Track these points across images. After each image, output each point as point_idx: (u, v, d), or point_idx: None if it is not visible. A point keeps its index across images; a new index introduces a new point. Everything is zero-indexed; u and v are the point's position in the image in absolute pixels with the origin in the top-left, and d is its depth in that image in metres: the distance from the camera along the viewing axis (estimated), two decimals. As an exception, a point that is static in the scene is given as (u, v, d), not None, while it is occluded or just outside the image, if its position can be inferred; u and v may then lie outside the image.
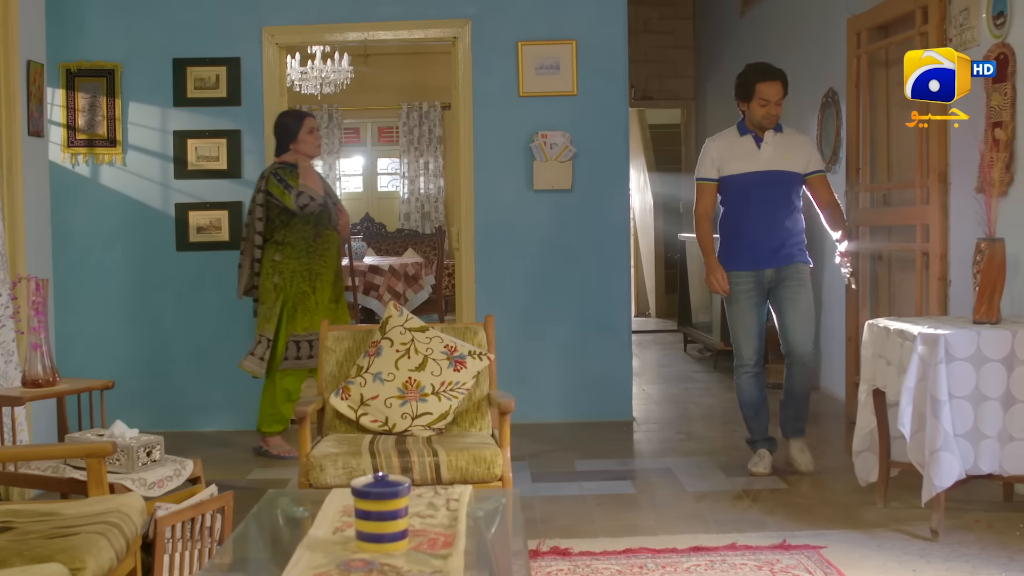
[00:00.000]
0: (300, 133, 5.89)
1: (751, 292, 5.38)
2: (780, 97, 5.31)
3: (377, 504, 2.56)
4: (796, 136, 5.49)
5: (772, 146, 5.34)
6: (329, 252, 5.95)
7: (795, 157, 5.35)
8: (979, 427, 4.25)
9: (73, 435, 3.94)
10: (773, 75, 5.32)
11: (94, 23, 6.54)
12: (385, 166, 14.27)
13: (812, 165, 5.40)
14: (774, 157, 5.33)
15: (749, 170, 5.34)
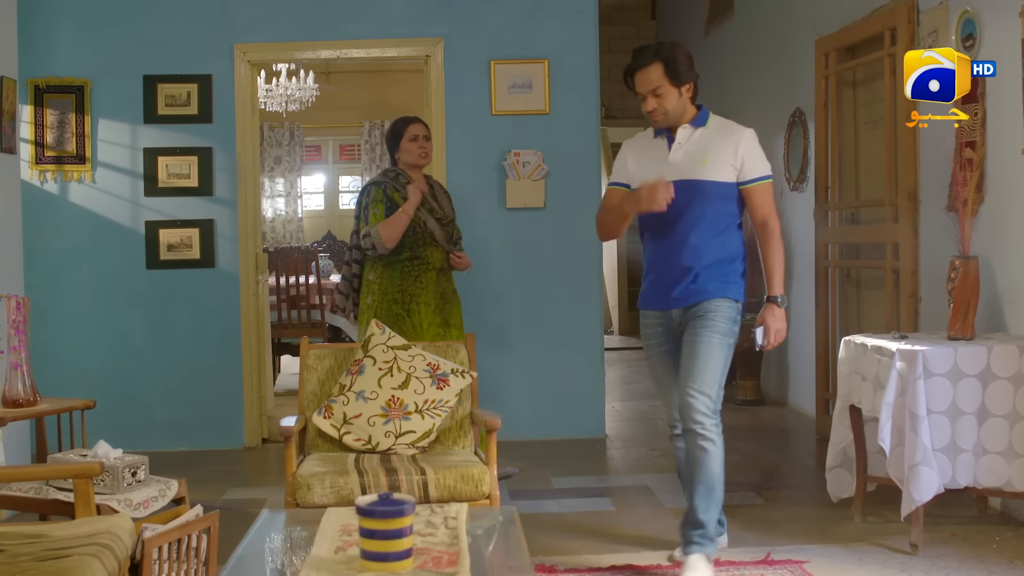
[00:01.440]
0: (402, 141, 5.34)
1: (660, 338, 4.20)
2: (655, 87, 3.98)
3: (382, 523, 2.55)
4: (726, 132, 4.09)
5: (686, 148, 4.06)
6: (427, 274, 5.30)
7: (716, 160, 4.02)
8: (956, 441, 4.32)
9: (56, 455, 3.89)
10: (637, 60, 4.04)
11: (63, 39, 6.49)
12: (347, 183, 14.26)
13: (747, 171, 4.05)
14: (686, 163, 4.03)
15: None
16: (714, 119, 4.13)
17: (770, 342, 4.13)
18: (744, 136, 4.08)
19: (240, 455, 6.52)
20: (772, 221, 4.11)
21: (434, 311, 5.33)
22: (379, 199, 5.23)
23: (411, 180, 5.31)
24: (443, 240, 5.36)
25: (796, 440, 6.77)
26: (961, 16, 5.08)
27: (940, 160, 5.34)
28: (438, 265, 5.35)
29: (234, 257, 6.58)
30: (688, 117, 4.07)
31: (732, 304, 4.09)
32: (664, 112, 4.01)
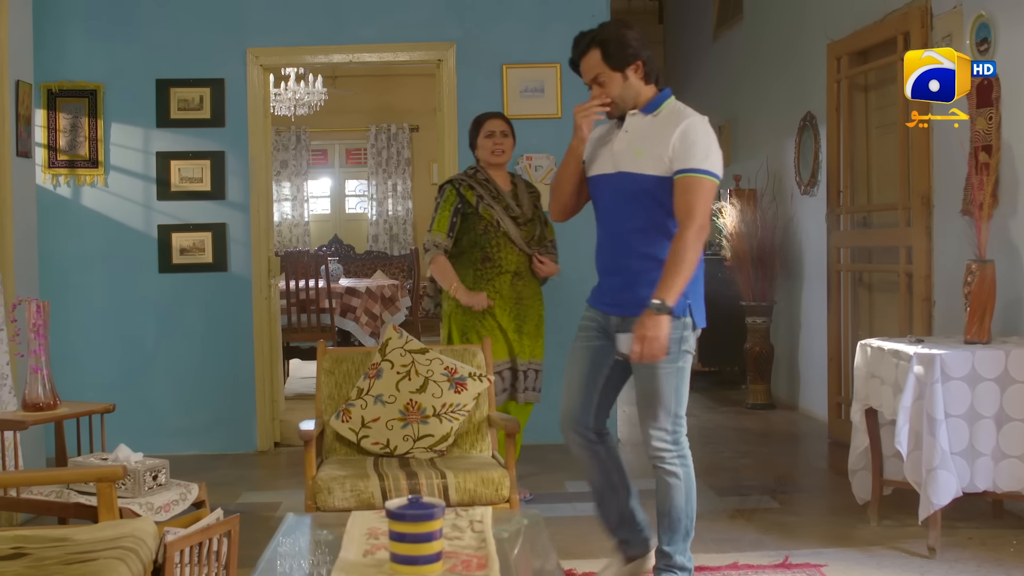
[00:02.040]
0: (478, 137, 5.17)
1: (591, 332, 3.87)
2: (595, 74, 3.67)
3: (412, 526, 2.56)
4: (671, 119, 3.60)
5: (629, 137, 3.67)
6: (500, 278, 5.07)
7: (650, 152, 3.58)
8: (974, 445, 4.32)
9: (76, 459, 3.90)
10: (576, 49, 3.75)
11: (76, 43, 6.50)
12: (353, 188, 14.27)
13: (675, 162, 3.53)
14: (624, 153, 3.65)
15: (597, 172, 3.76)
16: (669, 105, 3.67)
17: (637, 352, 3.48)
18: (684, 123, 3.55)
19: (253, 459, 6.52)
20: (688, 221, 3.48)
21: (509, 316, 5.11)
22: (450, 202, 5.08)
23: (489, 177, 5.16)
24: (521, 241, 5.10)
25: (808, 444, 6.77)
26: (976, 20, 5.08)
27: (953, 164, 5.35)
28: (513, 268, 5.10)
29: (247, 261, 6.59)
30: (642, 102, 3.67)
31: (675, 322, 3.57)
32: (610, 99, 3.67)
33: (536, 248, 5.20)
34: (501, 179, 5.18)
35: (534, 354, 5.26)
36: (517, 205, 5.14)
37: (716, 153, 3.59)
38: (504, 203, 5.11)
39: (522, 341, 5.17)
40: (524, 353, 5.21)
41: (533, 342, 5.22)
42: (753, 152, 8.52)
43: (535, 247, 5.19)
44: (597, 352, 3.82)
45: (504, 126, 5.17)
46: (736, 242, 7.75)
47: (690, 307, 3.67)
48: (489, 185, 5.14)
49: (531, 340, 5.21)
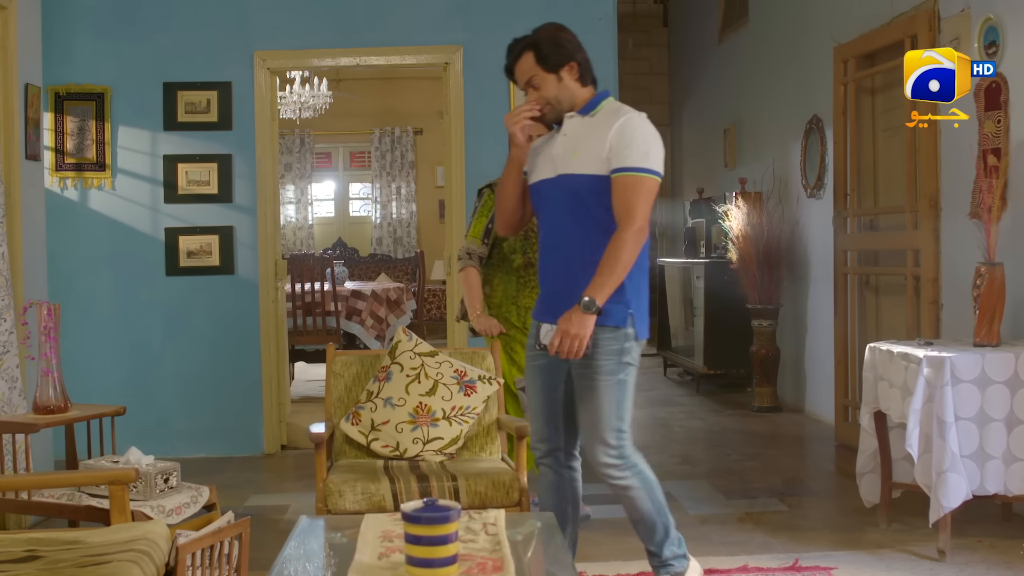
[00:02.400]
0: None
1: (534, 351, 3.73)
2: (529, 77, 3.58)
3: (428, 529, 2.55)
4: (608, 118, 3.50)
5: (566, 139, 3.56)
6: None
7: (587, 151, 3.47)
8: (984, 448, 4.32)
9: (88, 462, 3.90)
10: (510, 54, 3.66)
11: (83, 46, 6.51)
12: (357, 191, 14.28)
13: (613, 159, 3.42)
14: (563, 156, 3.53)
15: (538, 179, 3.64)
16: (606, 105, 3.57)
17: (555, 345, 3.42)
18: (621, 119, 3.44)
19: (259, 462, 6.52)
20: (627, 221, 3.40)
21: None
22: (488, 206, 4.76)
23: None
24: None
25: (815, 447, 6.77)
26: (984, 23, 5.09)
27: (961, 167, 5.35)
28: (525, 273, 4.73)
29: (253, 264, 6.60)
30: (579, 104, 3.57)
31: (615, 333, 3.48)
32: (546, 103, 3.55)
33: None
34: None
35: None
36: None
37: (656, 150, 3.46)
38: None
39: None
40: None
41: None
42: (758, 155, 8.52)
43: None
44: (546, 371, 3.69)
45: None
46: (742, 245, 7.75)
47: (632, 317, 3.51)
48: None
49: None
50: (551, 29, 3.67)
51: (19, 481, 3.37)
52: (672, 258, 10.11)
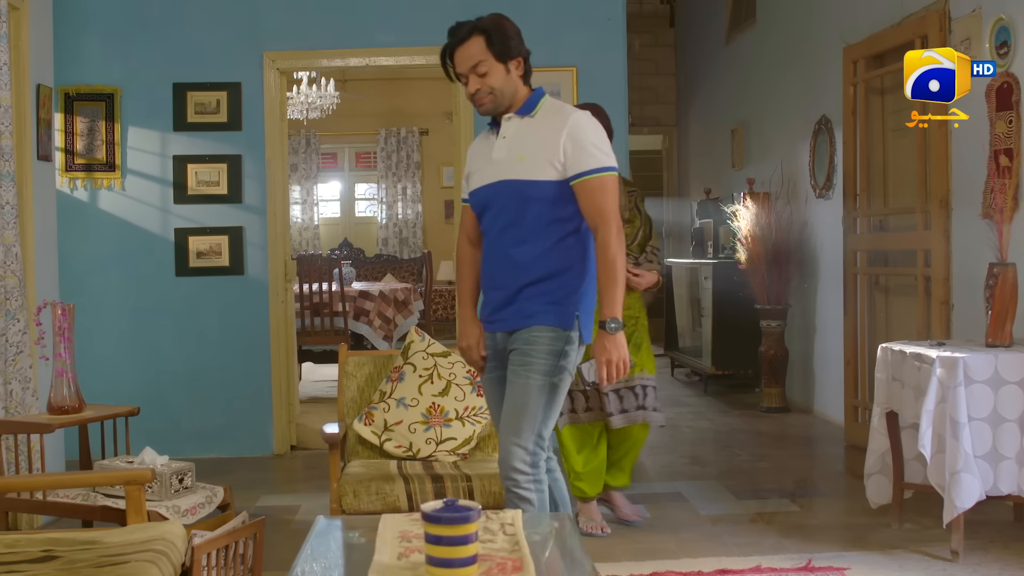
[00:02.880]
0: None
1: (491, 362, 3.60)
2: (476, 63, 3.37)
3: (448, 529, 2.55)
4: (551, 119, 3.39)
5: (509, 142, 3.42)
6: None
7: (535, 156, 3.36)
8: (997, 448, 4.32)
9: (102, 462, 3.90)
10: (455, 36, 3.45)
11: (93, 47, 6.51)
12: (363, 191, 14.29)
13: (572, 164, 3.33)
14: (506, 160, 3.40)
15: (479, 184, 3.49)
16: (545, 104, 3.44)
17: (604, 378, 3.33)
18: (569, 122, 3.34)
19: (269, 462, 6.53)
20: (605, 226, 3.31)
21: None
22: None
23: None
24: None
25: (824, 447, 6.76)
26: (995, 24, 5.09)
27: (972, 167, 5.35)
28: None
29: (263, 264, 6.60)
30: (518, 103, 3.42)
31: (557, 334, 3.37)
32: (491, 92, 3.37)
33: (634, 255, 4.80)
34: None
35: (644, 368, 4.82)
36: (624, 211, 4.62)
37: (607, 145, 3.40)
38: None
39: (640, 356, 4.82)
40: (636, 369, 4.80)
41: (649, 356, 4.88)
42: (766, 155, 8.52)
43: (635, 252, 4.82)
44: (498, 382, 3.56)
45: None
46: (750, 245, 7.75)
47: (578, 319, 3.41)
48: None
49: (647, 354, 4.87)
50: (501, 18, 3.45)
51: (36, 481, 3.38)
52: (679, 258, 10.11)
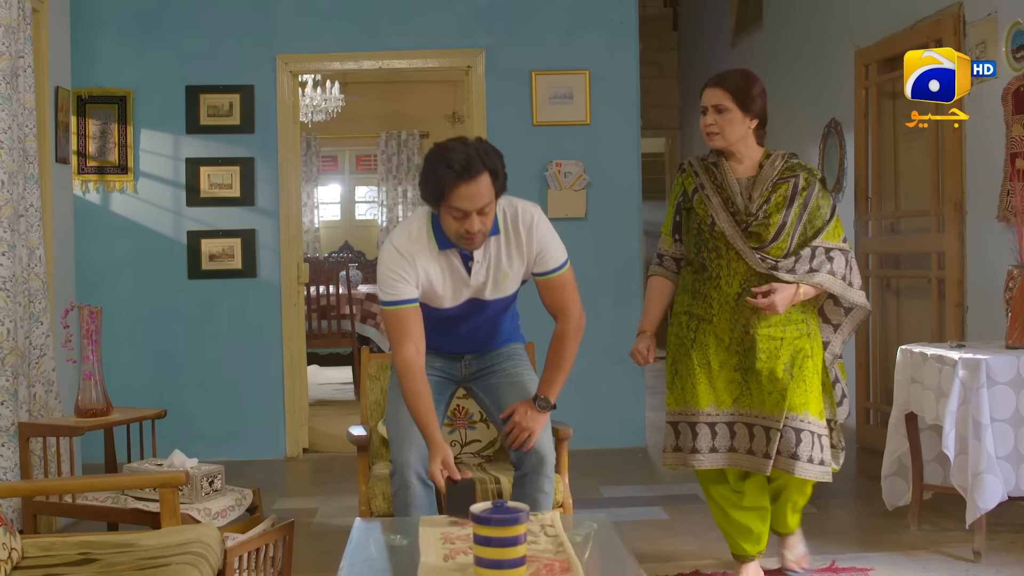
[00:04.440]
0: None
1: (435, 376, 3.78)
2: (487, 203, 3.32)
3: (498, 530, 2.57)
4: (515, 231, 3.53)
5: (486, 265, 3.50)
6: (718, 295, 3.80)
7: (515, 270, 3.57)
8: (1019, 449, 4.34)
9: (132, 465, 3.90)
10: (471, 169, 3.26)
11: (106, 50, 6.51)
12: (363, 194, 14.28)
13: (542, 262, 3.57)
14: (489, 283, 3.56)
15: (455, 303, 3.57)
16: (503, 218, 3.50)
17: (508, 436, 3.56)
18: (535, 234, 3.53)
19: (282, 465, 6.53)
20: (564, 318, 3.61)
21: (725, 349, 3.82)
22: (675, 193, 4.02)
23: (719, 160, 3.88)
24: (744, 247, 3.77)
25: (835, 449, 6.78)
26: (1012, 27, 5.11)
27: (987, 170, 5.38)
28: (737, 284, 3.80)
29: (276, 267, 6.60)
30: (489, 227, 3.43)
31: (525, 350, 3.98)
32: (485, 233, 3.40)
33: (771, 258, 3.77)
34: (741, 163, 3.87)
35: (791, 406, 3.75)
36: (748, 198, 3.82)
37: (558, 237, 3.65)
38: (726, 194, 3.83)
39: (748, 384, 3.83)
40: (759, 403, 3.81)
41: (779, 388, 3.77)
42: (773, 158, 8.54)
43: (775, 257, 3.78)
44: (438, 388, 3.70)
45: (719, 98, 3.81)
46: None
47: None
48: (716, 170, 3.89)
49: (772, 385, 3.78)
50: (494, 150, 3.40)
51: (71, 484, 3.38)
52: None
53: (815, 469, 3.76)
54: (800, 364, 3.78)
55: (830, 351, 3.95)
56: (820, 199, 3.84)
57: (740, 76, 3.87)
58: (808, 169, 3.88)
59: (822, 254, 3.79)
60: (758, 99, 3.83)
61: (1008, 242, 4.98)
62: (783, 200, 3.78)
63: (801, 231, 3.79)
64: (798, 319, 3.81)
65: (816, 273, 3.77)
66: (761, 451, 3.81)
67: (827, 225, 3.82)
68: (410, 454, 3.50)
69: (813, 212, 3.82)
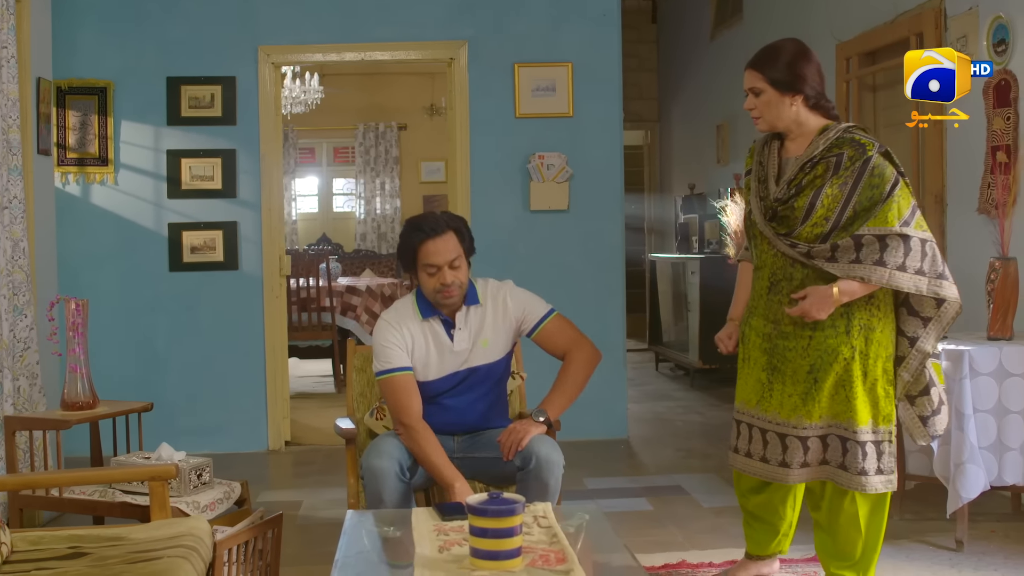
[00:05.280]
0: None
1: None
2: (456, 256, 3.57)
3: (494, 521, 2.58)
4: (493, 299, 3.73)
5: (467, 332, 3.68)
6: (758, 284, 3.64)
7: (497, 339, 3.72)
8: (1002, 440, 4.39)
9: (119, 459, 3.88)
10: (437, 228, 3.57)
11: (86, 40, 6.46)
12: (341, 186, 14.23)
13: (529, 319, 3.74)
14: (472, 350, 3.69)
15: (444, 373, 3.70)
16: (480, 289, 3.74)
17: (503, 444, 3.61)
18: (509, 290, 3.77)
19: (264, 458, 6.51)
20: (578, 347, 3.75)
21: (759, 348, 3.63)
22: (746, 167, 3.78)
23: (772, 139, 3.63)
24: (772, 235, 3.52)
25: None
26: (993, 22, 5.15)
27: (967, 163, 5.42)
28: (767, 276, 3.59)
29: (258, 259, 6.58)
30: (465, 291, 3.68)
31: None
32: (460, 285, 3.62)
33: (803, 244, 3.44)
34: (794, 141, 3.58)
35: (798, 412, 3.53)
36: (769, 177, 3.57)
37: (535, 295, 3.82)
38: (763, 176, 3.61)
39: (771, 386, 3.59)
40: (777, 406, 3.58)
41: (789, 393, 3.55)
42: (753, 151, 8.58)
43: (813, 246, 3.43)
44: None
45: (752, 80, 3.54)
46: (739, 239, 7.81)
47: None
48: (766, 150, 3.65)
49: (785, 387, 3.55)
50: (459, 216, 3.73)
51: (60, 478, 3.35)
52: (663, 253, 10.16)
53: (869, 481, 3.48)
54: (833, 368, 3.46)
55: (919, 349, 3.50)
56: (874, 178, 3.38)
57: (770, 52, 3.52)
58: (858, 144, 3.42)
59: (873, 243, 3.35)
60: (796, 74, 3.46)
61: (989, 234, 5.02)
62: (818, 180, 3.43)
63: (850, 214, 3.39)
64: (834, 314, 3.43)
65: (859, 265, 3.35)
66: (776, 459, 3.59)
67: (877, 208, 3.35)
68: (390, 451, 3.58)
69: (864, 193, 3.38)
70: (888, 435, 3.50)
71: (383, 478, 3.51)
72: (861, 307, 3.46)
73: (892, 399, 3.51)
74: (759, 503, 3.83)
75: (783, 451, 3.58)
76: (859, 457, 3.45)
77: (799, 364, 3.51)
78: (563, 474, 3.65)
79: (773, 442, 3.61)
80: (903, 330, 3.50)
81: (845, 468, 3.49)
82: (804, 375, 3.51)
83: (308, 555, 4.52)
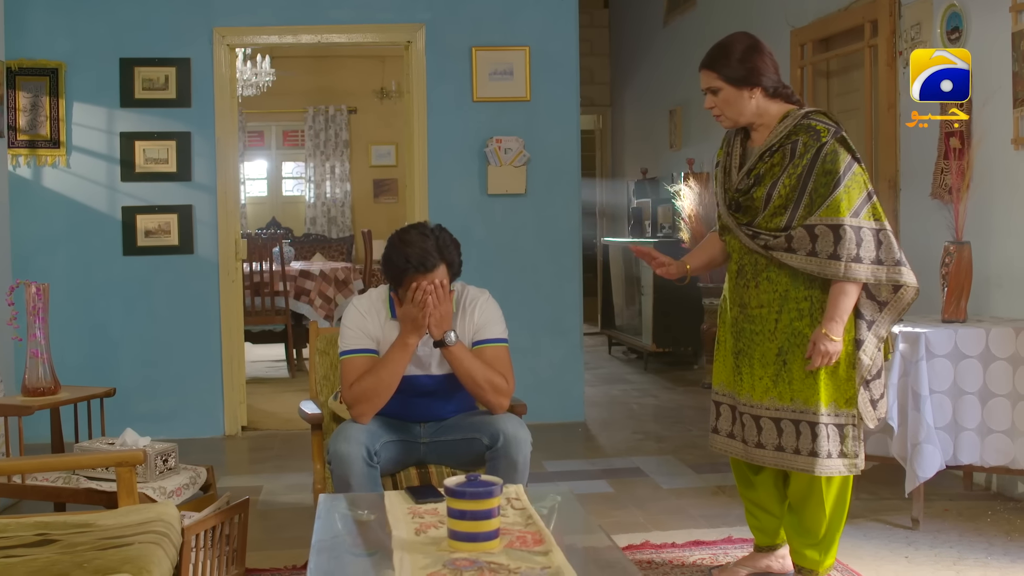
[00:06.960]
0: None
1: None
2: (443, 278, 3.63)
3: (472, 503, 2.59)
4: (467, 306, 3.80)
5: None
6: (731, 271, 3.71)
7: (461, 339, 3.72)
8: (957, 420, 4.48)
9: (83, 444, 3.84)
10: (427, 263, 3.54)
11: (36, 20, 6.34)
12: (290, 170, 14.12)
13: (481, 332, 3.76)
14: (434, 354, 3.73)
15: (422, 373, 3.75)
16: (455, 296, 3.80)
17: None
18: (483, 299, 3.83)
19: (221, 443, 6.47)
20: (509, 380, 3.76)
21: (727, 329, 3.74)
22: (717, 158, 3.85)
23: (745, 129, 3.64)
24: (732, 223, 3.62)
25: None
26: (947, 9, 5.23)
27: (920, 149, 5.51)
28: (738, 261, 3.66)
29: (213, 243, 6.51)
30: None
31: None
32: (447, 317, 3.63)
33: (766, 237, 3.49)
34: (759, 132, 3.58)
35: (770, 394, 3.57)
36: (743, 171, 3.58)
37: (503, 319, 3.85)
38: (727, 167, 3.68)
39: (739, 369, 3.66)
40: (744, 388, 3.65)
41: (759, 375, 3.60)
42: (706, 136, 8.64)
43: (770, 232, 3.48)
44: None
45: (708, 80, 3.57)
46: (694, 224, 7.87)
47: None
48: (735, 140, 3.69)
49: (753, 369, 3.61)
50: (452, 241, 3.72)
51: (24, 464, 3.31)
52: (616, 237, 10.21)
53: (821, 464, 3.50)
54: (793, 350, 3.51)
55: (874, 332, 3.51)
56: (826, 164, 3.38)
57: (721, 50, 3.55)
58: (814, 131, 3.43)
59: (827, 234, 3.37)
60: (750, 67, 3.48)
61: (943, 219, 5.12)
62: (776, 169, 3.46)
63: (807, 202, 3.40)
64: (799, 296, 3.49)
65: (814, 259, 3.39)
66: (752, 441, 3.64)
67: (830, 196, 3.36)
68: (357, 436, 3.56)
69: (819, 180, 3.39)
70: (852, 418, 3.53)
71: (350, 463, 3.51)
72: (824, 290, 3.48)
73: (854, 382, 3.53)
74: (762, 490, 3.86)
75: (758, 432, 3.62)
76: (811, 439, 3.50)
77: (767, 347, 3.55)
78: (531, 452, 3.66)
79: (749, 424, 3.66)
80: (861, 313, 3.51)
81: (799, 451, 3.53)
82: (773, 357, 3.55)
83: (271, 540, 4.50)
